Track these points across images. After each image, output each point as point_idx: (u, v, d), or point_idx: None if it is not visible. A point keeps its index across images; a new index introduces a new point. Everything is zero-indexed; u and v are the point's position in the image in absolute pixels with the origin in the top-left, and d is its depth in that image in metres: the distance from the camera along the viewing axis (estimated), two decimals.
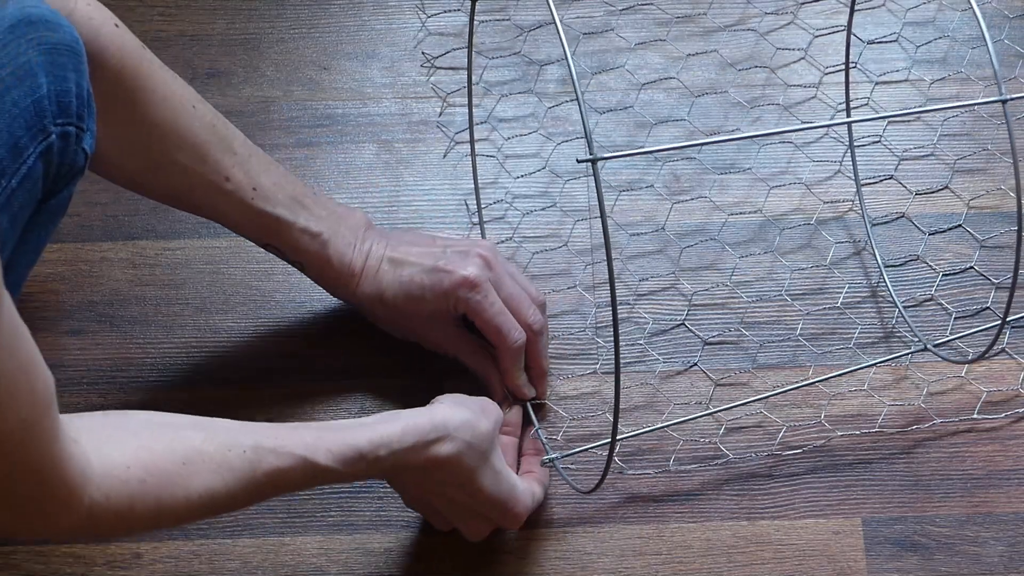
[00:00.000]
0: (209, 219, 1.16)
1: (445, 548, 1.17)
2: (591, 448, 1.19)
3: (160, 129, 1.09)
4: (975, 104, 1.08)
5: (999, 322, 1.12)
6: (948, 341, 1.25)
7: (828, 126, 1.33)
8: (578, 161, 0.95)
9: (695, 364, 1.25)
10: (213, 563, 1.17)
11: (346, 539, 1.18)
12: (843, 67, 1.34)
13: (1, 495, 0.82)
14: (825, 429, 1.22)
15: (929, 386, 1.24)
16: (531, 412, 1.21)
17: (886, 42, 1.41)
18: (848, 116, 1.34)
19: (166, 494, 0.90)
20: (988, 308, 1.27)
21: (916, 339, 1.25)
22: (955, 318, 1.27)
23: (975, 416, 1.22)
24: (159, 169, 1.11)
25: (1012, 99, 1.03)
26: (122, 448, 0.89)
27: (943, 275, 1.29)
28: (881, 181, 1.34)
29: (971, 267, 1.29)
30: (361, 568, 1.17)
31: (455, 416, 1.05)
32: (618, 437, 1.18)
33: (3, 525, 0.85)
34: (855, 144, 1.34)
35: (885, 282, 1.28)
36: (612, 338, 1.00)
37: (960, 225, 1.31)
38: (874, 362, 1.23)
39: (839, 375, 1.22)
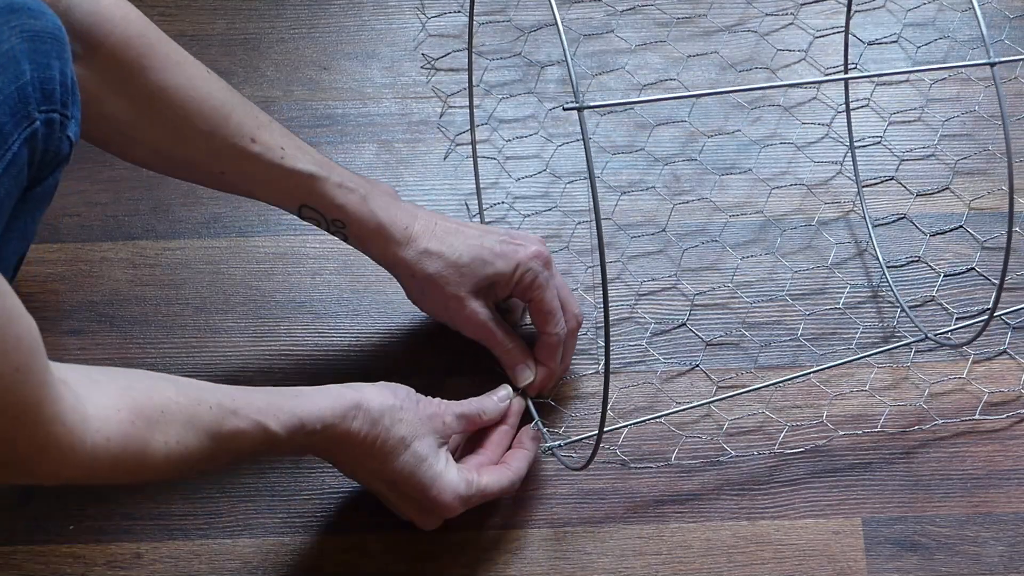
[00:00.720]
0: (233, 190, 1.13)
1: (444, 548, 1.17)
2: (589, 437, 1.18)
3: (176, 94, 1.07)
4: (964, 66, 1.06)
5: (994, 315, 1.12)
6: (946, 332, 1.25)
7: (821, 82, 1.31)
8: (564, 108, 0.94)
9: (697, 365, 1.25)
10: (213, 563, 1.17)
11: (346, 539, 1.17)
12: (843, 68, 1.34)
13: (3, 441, 0.83)
14: (826, 429, 1.22)
15: (930, 387, 1.24)
16: (531, 406, 1.21)
17: (886, 43, 1.41)
18: (848, 118, 1.33)
19: (151, 439, 0.91)
20: (989, 309, 1.27)
21: (919, 335, 1.25)
22: (956, 319, 1.27)
23: (976, 417, 1.22)
24: (178, 138, 1.08)
25: (1000, 62, 1.03)
26: (107, 392, 0.90)
27: (944, 276, 1.29)
28: (882, 182, 1.34)
29: (972, 268, 1.29)
30: (361, 568, 1.16)
31: (377, 399, 1.07)
32: (616, 426, 1.19)
33: (11, 471, 0.86)
34: (856, 145, 1.33)
35: (888, 282, 1.28)
36: (615, 339, 0.99)
37: (961, 226, 1.31)
38: (876, 351, 1.22)
39: (840, 363, 1.21)
